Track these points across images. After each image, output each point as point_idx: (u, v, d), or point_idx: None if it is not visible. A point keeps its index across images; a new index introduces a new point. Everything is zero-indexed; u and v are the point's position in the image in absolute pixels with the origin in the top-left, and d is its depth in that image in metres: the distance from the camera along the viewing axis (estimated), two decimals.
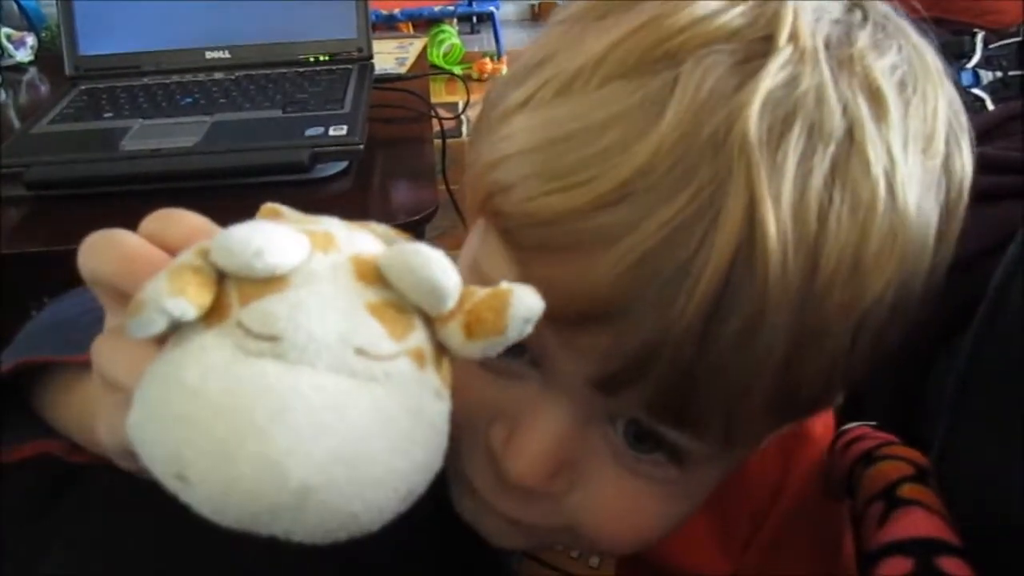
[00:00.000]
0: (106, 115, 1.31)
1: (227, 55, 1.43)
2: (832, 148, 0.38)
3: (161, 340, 0.34)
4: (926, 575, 0.43)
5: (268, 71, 1.40)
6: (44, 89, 1.55)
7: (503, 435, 0.44)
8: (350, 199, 1.13)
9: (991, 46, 0.95)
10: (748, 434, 0.43)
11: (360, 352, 0.33)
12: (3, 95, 1.51)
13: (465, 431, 0.45)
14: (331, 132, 1.14)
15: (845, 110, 0.39)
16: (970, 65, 0.94)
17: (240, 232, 0.33)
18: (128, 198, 1.10)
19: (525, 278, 0.37)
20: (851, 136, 0.38)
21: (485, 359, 0.40)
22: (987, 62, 0.94)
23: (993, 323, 0.48)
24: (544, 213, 0.39)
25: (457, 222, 1.38)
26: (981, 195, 0.79)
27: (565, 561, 0.57)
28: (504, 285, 0.35)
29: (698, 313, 0.37)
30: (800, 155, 0.37)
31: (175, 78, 1.41)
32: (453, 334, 0.35)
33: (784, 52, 0.39)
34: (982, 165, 0.81)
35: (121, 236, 0.36)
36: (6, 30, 1.61)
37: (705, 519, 0.55)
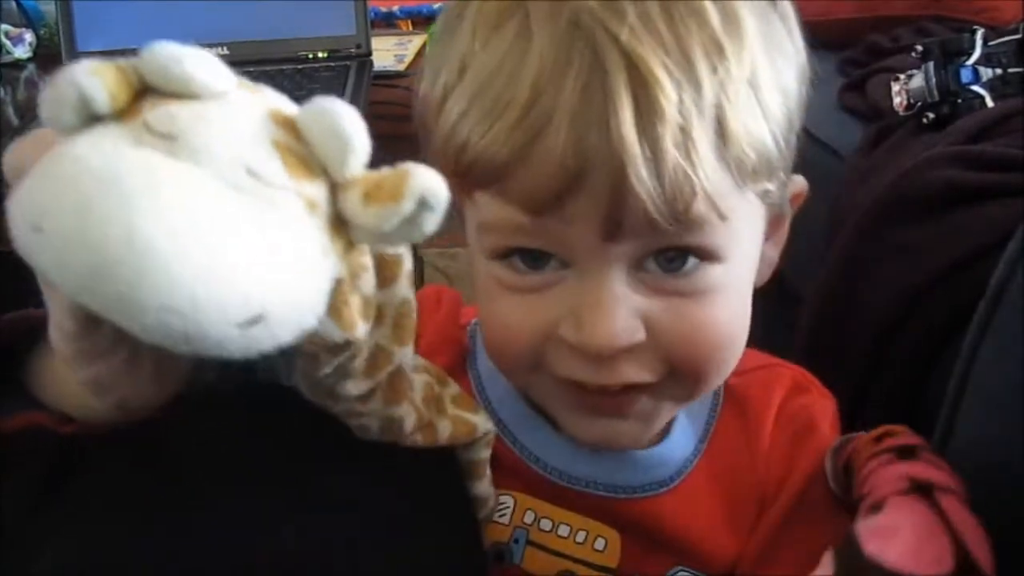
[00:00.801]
0: None
1: (226, 52, 1.43)
2: None
3: None
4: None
5: (267, 68, 1.40)
6: (43, 86, 1.54)
7: (573, 325, 0.50)
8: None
9: (991, 43, 0.94)
10: (729, 205, 0.49)
11: (251, 173, 0.33)
12: (1, 92, 1.51)
13: (548, 346, 0.51)
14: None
15: None
16: (970, 62, 0.94)
17: (170, 46, 0.34)
18: None
19: (509, 198, 0.48)
20: None
21: (515, 279, 0.51)
22: (987, 59, 0.93)
23: (991, 321, 0.48)
24: (497, 138, 0.47)
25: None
26: (981, 192, 0.79)
27: (571, 548, 0.58)
28: (408, 164, 0.36)
29: (631, 132, 0.45)
30: (634, 2, 0.47)
31: None
32: (352, 200, 0.35)
33: None
34: (982, 162, 0.82)
35: (45, 132, 0.37)
36: (4, 27, 1.61)
37: (717, 501, 0.58)
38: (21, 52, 1.61)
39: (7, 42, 1.60)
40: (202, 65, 0.34)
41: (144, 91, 0.34)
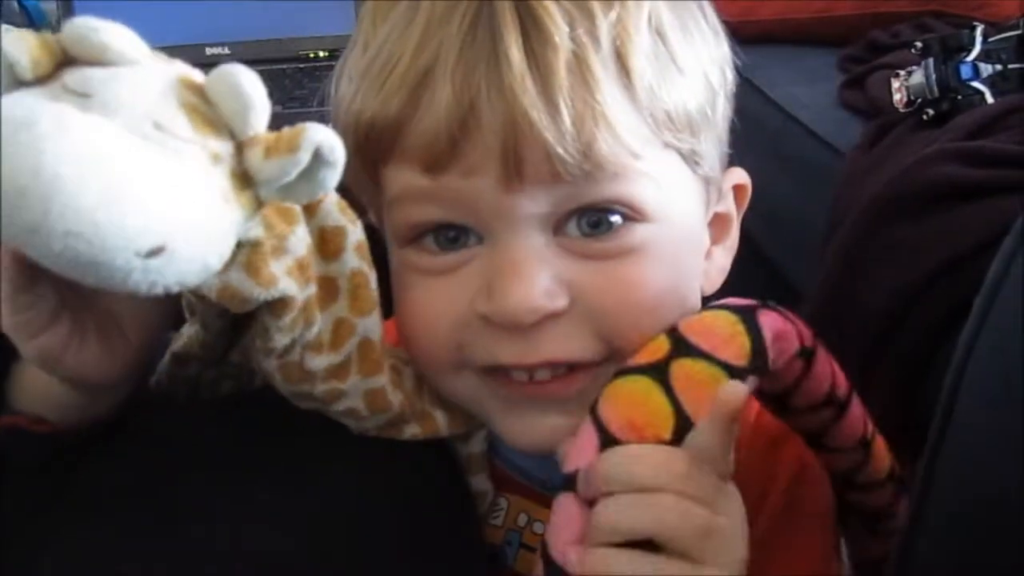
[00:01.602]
0: None
1: (227, 51, 1.43)
2: None
3: None
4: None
5: (268, 67, 1.40)
6: None
7: (486, 295, 0.48)
8: (350, 194, 1.12)
9: (990, 39, 0.94)
10: (644, 151, 0.48)
11: (157, 126, 0.37)
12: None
13: (468, 331, 0.49)
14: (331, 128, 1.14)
15: None
16: (969, 58, 0.94)
17: (92, 19, 0.37)
18: None
19: (408, 158, 0.47)
20: None
21: (428, 262, 0.49)
22: (986, 55, 0.93)
23: (987, 316, 0.48)
24: (389, 92, 0.47)
25: None
26: (979, 189, 0.79)
27: None
28: (305, 123, 0.39)
29: (518, 58, 0.45)
30: None
31: None
32: (254, 155, 0.39)
33: None
34: (980, 158, 0.82)
35: None
36: (6, 27, 1.61)
37: None
38: None
39: None
40: (118, 35, 0.37)
41: (65, 62, 0.38)
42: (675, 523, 0.43)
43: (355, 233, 0.47)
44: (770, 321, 0.49)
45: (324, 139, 0.38)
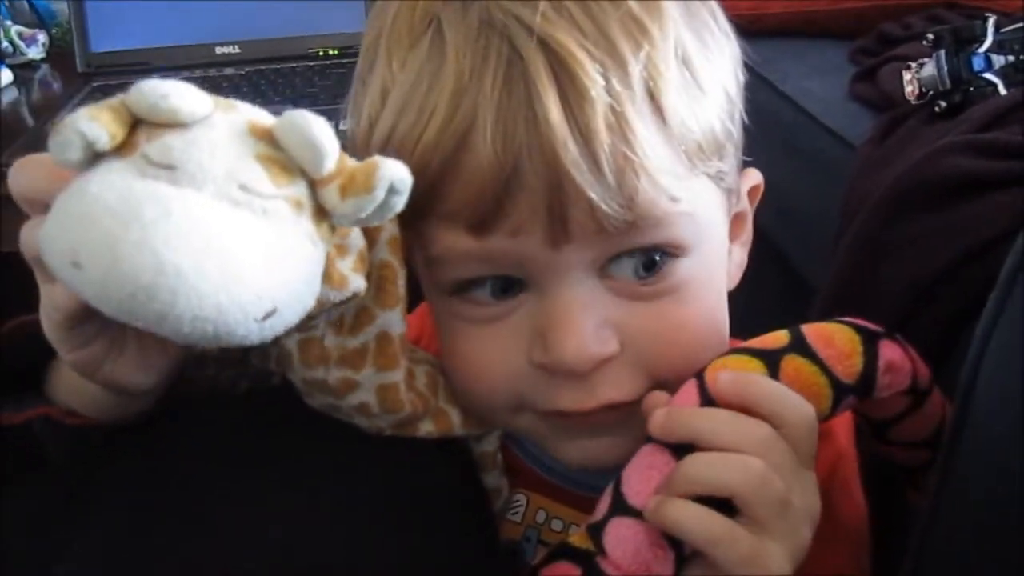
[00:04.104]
0: None
1: (237, 50, 1.44)
2: None
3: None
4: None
5: (278, 66, 1.40)
6: (56, 86, 1.55)
7: (541, 346, 0.49)
8: None
9: (1003, 30, 0.94)
10: (682, 188, 0.48)
11: (243, 188, 0.38)
12: (15, 92, 1.52)
13: (524, 380, 0.50)
14: (341, 126, 1.14)
15: None
16: (982, 50, 0.93)
17: (153, 82, 0.38)
18: None
19: (450, 218, 0.47)
20: None
21: (478, 312, 0.50)
22: (999, 46, 0.93)
23: (1003, 310, 0.48)
24: (426, 149, 0.47)
25: None
26: (993, 181, 0.79)
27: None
28: (376, 157, 0.40)
29: (559, 118, 0.44)
30: None
31: (185, 74, 1.41)
32: (330, 194, 0.40)
33: None
34: (993, 150, 0.81)
35: (44, 157, 0.41)
36: (17, 27, 1.61)
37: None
38: (34, 53, 1.62)
39: (20, 43, 1.61)
40: (184, 96, 0.39)
41: (137, 122, 0.39)
42: (757, 487, 0.45)
43: (389, 228, 0.48)
44: (889, 352, 0.50)
45: (396, 175, 0.40)
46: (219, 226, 0.37)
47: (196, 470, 0.49)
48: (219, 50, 1.45)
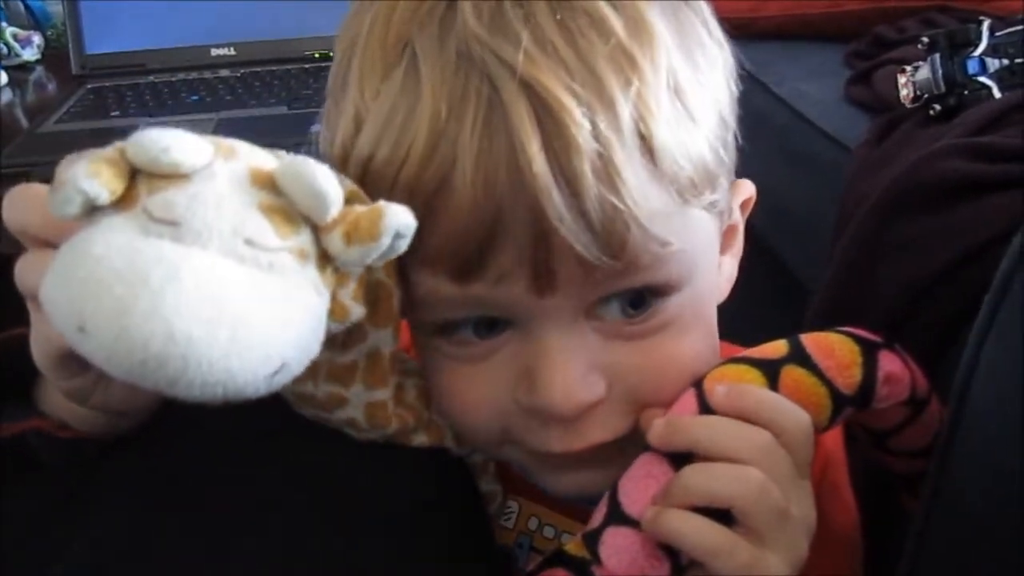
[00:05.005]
0: (113, 114, 1.32)
1: (232, 52, 1.43)
2: (539, 5, 0.43)
3: None
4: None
5: (273, 68, 1.40)
6: (51, 88, 1.55)
7: (528, 388, 0.47)
8: None
9: (997, 34, 0.94)
10: (673, 228, 0.45)
11: (248, 242, 0.38)
12: (9, 94, 1.52)
13: (511, 418, 0.49)
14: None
15: None
16: (976, 53, 0.94)
17: (152, 133, 0.38)
18: None
19: (431, 265, 0.44)
20: None
21: (463, 351, 0.48)
22: (993, 50, 0.93)
23: (997, 313, 0.48)
24: (405, 181, 0.44)
25: None
26: (987, 184, 0.79)
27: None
28: (381, 202, 0.40)
29: (543, 168, 0.42)
30: (523, 19, 0.43)
31: (181, 76, 1.41)
32: (334, 241, 0.40)
33: None
34: (989, 153, 0.81)
35: (39, 189, 0.40)
36: (12, 29, 1.61)
37: None
38: (29, 54, 1.62)
39: (15, 44, 1.60)
40: (186, 148, 0.38)
41: (136, 171, 0.38)
42: (756, 499, 0.44)
43: None
44: (888, 363, 0.50)
45: (401, 222, 0.39)
46: (228, 289, 0.37)
47: (195, 471, 0.49)
48: (214, 52, 1.45)
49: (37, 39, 1.63)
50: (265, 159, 0.41)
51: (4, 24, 1.61)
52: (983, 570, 0.51)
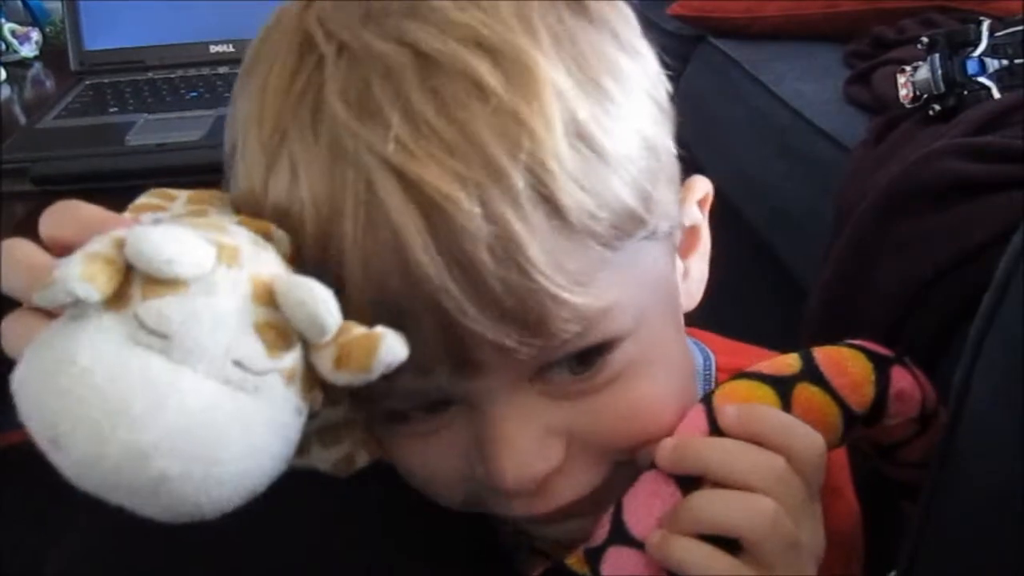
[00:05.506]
0: (111, 110, 1.31)
1: (231, 48, 1.43)
2: (407, 76, 0.39)
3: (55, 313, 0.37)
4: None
5: None
6: (49, 84, 1.55)
7: (479, 462, 0.45)
8: None
9: (997, 34, 0.94)
10: (605, 279, 0.42)
11: (238, 364, 0.37)
12: (8, 90, 1.51)
13: (472, 486, 0.46)
14: None
15: (399, 40, 0.40)
16: (976, 53, 0.94)
17: (155, 238, 0.36)
18: (133, 193, 1.10)
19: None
20: (417, 51, 0.40)
21: (412, 429, 0.45)
22: (993, 50, 0.93)
23: (996, 312, 0.48)
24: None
25: None
26: (986, 184, 0.79)
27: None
28: (378, 329, 0.37)
29: (434, 266, 0.38)
30: (392, 96, 0.39)
31: (179, 72, 1.41)
32: (324, 361, 0.38)
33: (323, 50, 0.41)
34: (987, 154, 0.82)
35: (25, 249, 0.39)
36: (10, 25, 1.61)
37: None
38: (27, 51, 1.62)
39: (13, 41, 1.60)
40: (187, 261, 0.36)
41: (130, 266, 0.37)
42: (768, 530, 0.43)
43: None
44: (900, 379, 0.50)
45: (395, 355, 0.38)
46: (209, 424, 0.36)
47: None
48: (213, 48, 1.44)
49: (36, 35, 1.63)
50: (267, 262, 0.39)
51: (3, 20, 1.61)
52: (982, 569, 0.51)
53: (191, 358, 0.36)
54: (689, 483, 0.45)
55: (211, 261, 0.37)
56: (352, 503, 0.49)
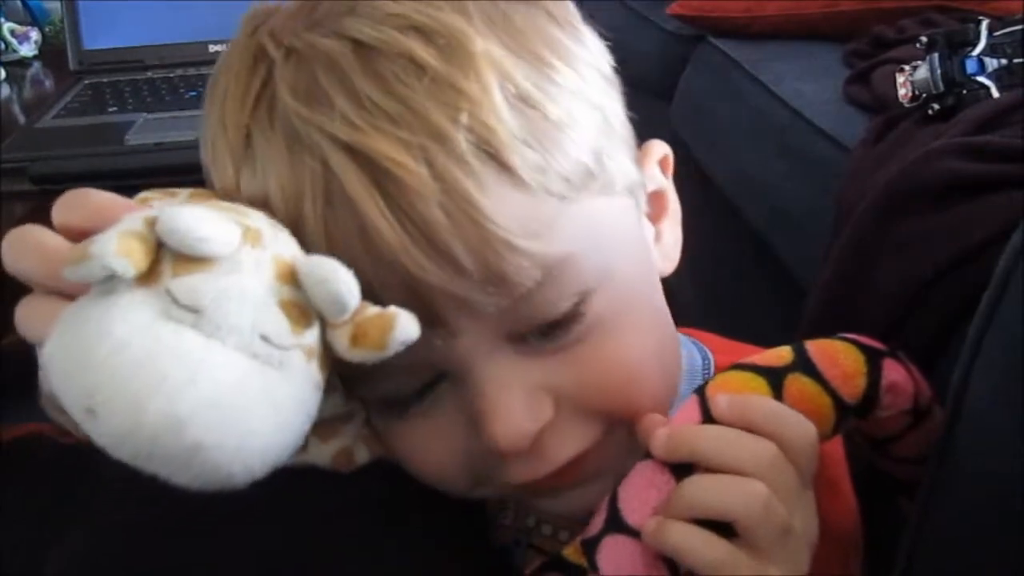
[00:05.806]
0: (110, 109, 1.32)
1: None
2: (349, 63, 0.42)
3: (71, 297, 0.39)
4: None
5: None
6: (48, 84, 1.55)
7: (476, 432, 0.46)
8: None
9: (996, 33, 0.94)
10: (560, 233, 0.44)
11: (264, 339, 0.39)
12: (7, 90, 1.51)
13: (474, 461, 0.47)
14: None
15: (340, 36, 0.43)
16: (975, 53, 0.94)
17: (188, 217, 0.37)
18: (132, 192, 1.10)
19: None
20: (357, 42, 0.43)
21: (406, 412, 0.47)
22: (992, 50, 0.93)
23: (995, 311, 0.48)
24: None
25: None
26: (985, 184, 0.79)
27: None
28: (392, 308, 0.40)
29: (391, 230, 0.41)
30: (337, 82, 0.42)
31: (178, 72, 1.41)
32: (340, 340, 0.40)
33: (273, 55, 0.45)
34: (987, 153, 0.82)
35: (38, 235, 0.40)
36: (10, 25, 1.61)
37: None
38: (27, 50, 1.62)
39: (12, 40, 1.60)
40: (218, 239, 0.38)
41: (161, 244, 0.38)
42: (760, 514, 0.44)
43: None
44: (892, 372, 0.50)
45: (409, 334, 0.40)
46: (242, 395, 0.37)
47: None
48: (212, 48, 1.44)
49: (35, 35, 1.63)
50: (287, 244, 0.41)
51: (2, 20, 1.61)
52: (981, 567, 0.51)
53: (220, 332, 0.37)
54: (683, 471, 0.46)
55: (236, 239, 0.39)
56: (352, 500, 0.49)
